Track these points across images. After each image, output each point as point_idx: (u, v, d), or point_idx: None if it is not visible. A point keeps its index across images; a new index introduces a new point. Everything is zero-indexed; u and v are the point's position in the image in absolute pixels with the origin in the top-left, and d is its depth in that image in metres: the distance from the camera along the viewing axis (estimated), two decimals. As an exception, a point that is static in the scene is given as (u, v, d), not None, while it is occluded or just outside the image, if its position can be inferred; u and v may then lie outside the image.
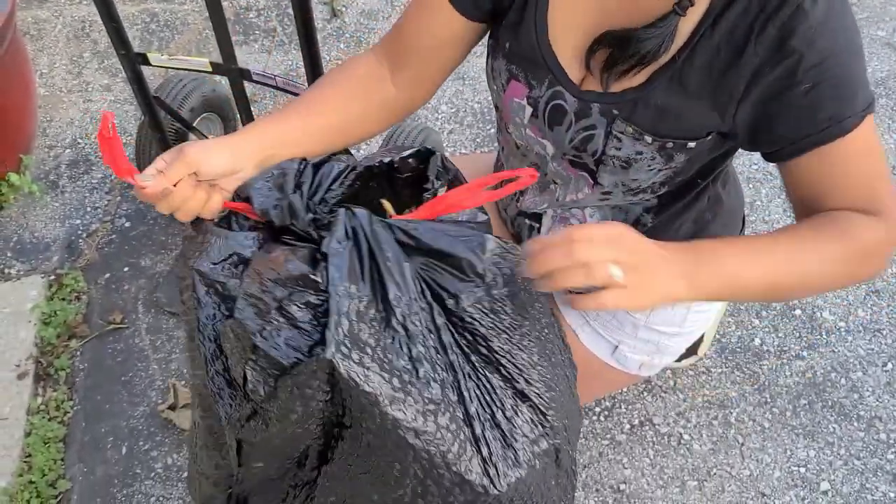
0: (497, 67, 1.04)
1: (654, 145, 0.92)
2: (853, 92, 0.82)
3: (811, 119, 0.83)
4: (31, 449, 1.54)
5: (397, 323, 0.76)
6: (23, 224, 1.93)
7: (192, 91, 1.77)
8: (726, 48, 0.84)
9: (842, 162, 0.85)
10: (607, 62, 0.89)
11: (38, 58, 2.31)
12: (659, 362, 1.36)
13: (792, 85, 0.82)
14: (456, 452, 0.78)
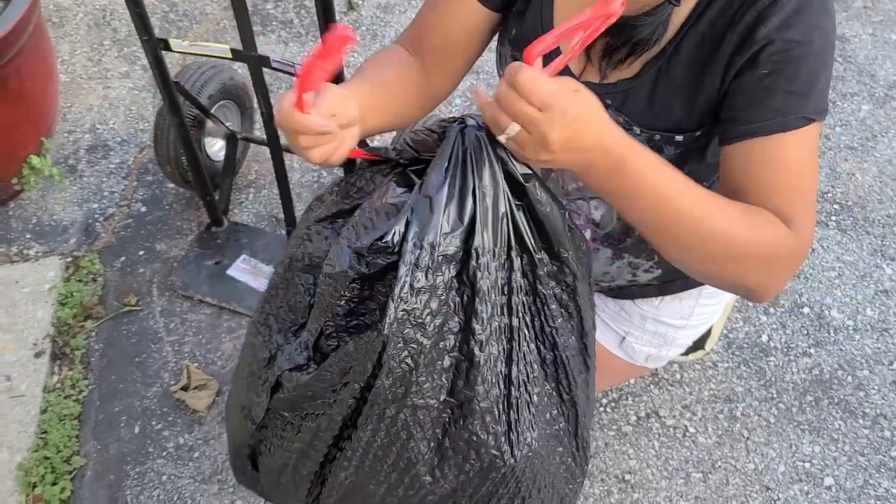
0: (503, 53, 1.06)
1: (642, 136, 0.95)
2: (807, 93, 0.82)
3: (759, 106, 0.83)
4: (47, 426, 1.56)
5: (467, 278, 0.78)
6: (42, 206, 1.97)
7: (210, 78, 1.80)
8: (709, 40, 0.86)
9: (774, 160, 0.83)
10: (605, 50, 0.92)
11: (59, 45, 2.35)
12: (666, 354, 1.38)
13: (752, 67, 0.83)
14: (481, 411, 0.79)
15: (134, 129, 2.15)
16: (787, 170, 0.84)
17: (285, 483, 0.99)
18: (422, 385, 0.79)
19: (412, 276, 0.76)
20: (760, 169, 0.84)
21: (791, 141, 0.83)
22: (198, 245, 1.88)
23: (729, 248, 0.81)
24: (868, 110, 2.23)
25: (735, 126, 0.85)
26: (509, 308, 0.80)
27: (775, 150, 0.83)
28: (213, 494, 1.50)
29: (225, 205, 1.92)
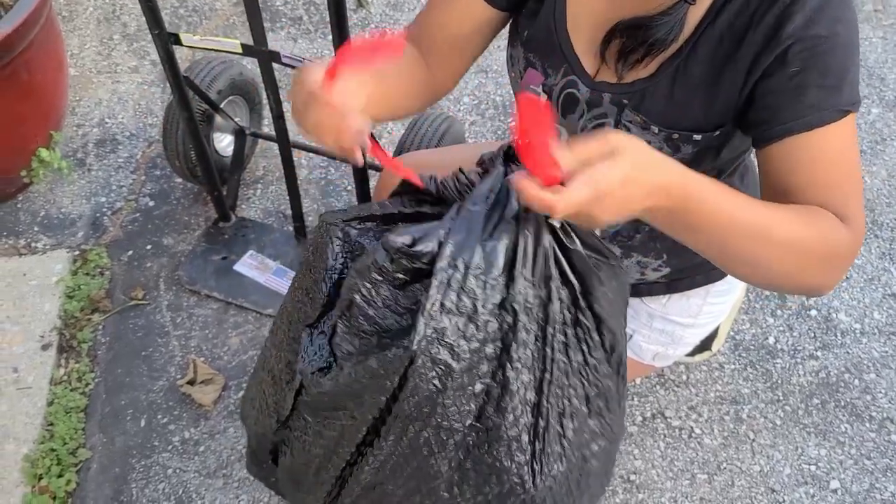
0: (515, 55, 1.06)
1: (660, 135, 0.94)
2: (839, 85, 0.82)
3: (793, 105, 0.82)
4: (53, 418, 1.57)
5: (510, 305, 0.77)
6: (50, 199, 1.97)
7: (220, 73, 1.80)
8: (728, 39, 0.86)
9: (817, 156, 0.82)
10: (621, 51, 0.91)
11: (69, 39, 2.35)
12: (673, 353, 1.38)
13: (781, 66, 0.82)
14: (507, 438, 0.79)
15: (142, 124, 2.15)
16: (832, 164, 0.83)
17: (305, 482, 0.99)
18: (448, 408, 0.79)
19: (444, 295, 0.75)
20: (805, 167, 0.83)
21: (831, 135, 0.82)
22: (205, 240, 1.88)
23: (793, 256, 0.79)
24: (878, 114, 2.23)
25: (770, 127, 0.84)
26: (544, 339, 0.80)
27: (816, 145, 0.82)
28: (218, 489, 1.50)
29: (233, 200, 1.92)
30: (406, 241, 0.78)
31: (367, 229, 0.88)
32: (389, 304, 0.81)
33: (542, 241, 0.77)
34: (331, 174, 2.05)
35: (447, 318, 0.76)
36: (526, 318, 0.78)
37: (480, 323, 0.77)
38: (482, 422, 0.80)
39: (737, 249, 0.79)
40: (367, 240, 0.87)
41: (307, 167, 2.07)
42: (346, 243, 0.87)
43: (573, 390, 0.83)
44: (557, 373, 0.81)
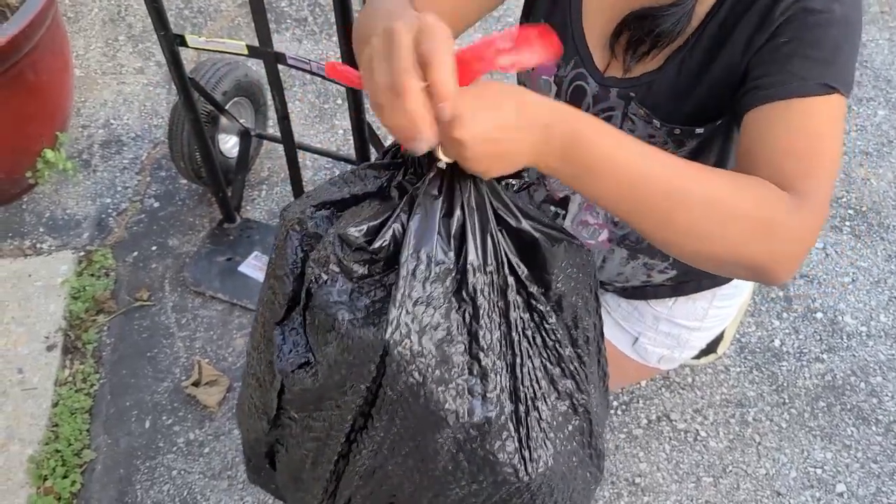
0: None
1: (663, 130, 0.94)
2: (830, 60, 0.78)
3: (778, 72, 0.79)
4: (58, 419, 1.57)
5: (467, 294, 0.77)
6: (56, 201, 1.97)
7: (225, 75, 1.80)
8: (726, 25, 0.86)
9: (791, 125, 0.77)
10: (629, 42, 0.92)
11: (74, 40, 2.36)
12: (679, 356, 1.37)
13: (773, 37, 0.81)
14: (496, 430, 0.79)
15: (148, 125, 2.15)
16: (805, 136, 0.76)
17: (303, 480, 0.99)
18: (430, 398, 0.78)
19: (410, 287, 0.75)
20: (776, 134, 0.77)
21: (811, 108, 0.77)
22: (210, 241, 1.88)
23: (717, 217, 0.70)
24: (884, 115, 2.22)
25: (754, 93, 0.80)
26: (508, 324, 0.80)
27: (794, 115, 0.77)
28: (223, 490, 1.50)
29: (237, 201, 1.92)
30: (361, 233, 0.78)
31: (323, 217, 0.87)
32: (350, 293, 0.80)
33: (489, 226, 0.76)
34: (335, 174, 2.05)
35: (416, 308, 0.75)
36: (487, 305, 0.77)
37: (445, 313, 0.77)
38: (468, 414, 0.80)
39: (650, 206, 0.70)
40: (323, 229, 0.86)
41: (312, 168, 2.07)
42: (304, 237, 0.87)
43: (539, 372, 0.83)
44: (525, 357, 0.81)
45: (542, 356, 0.84)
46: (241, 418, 1.11)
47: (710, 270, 0.78)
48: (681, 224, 0.70)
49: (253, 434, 1.05)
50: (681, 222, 0.70)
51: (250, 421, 1.03)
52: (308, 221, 0.87)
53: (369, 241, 0.78)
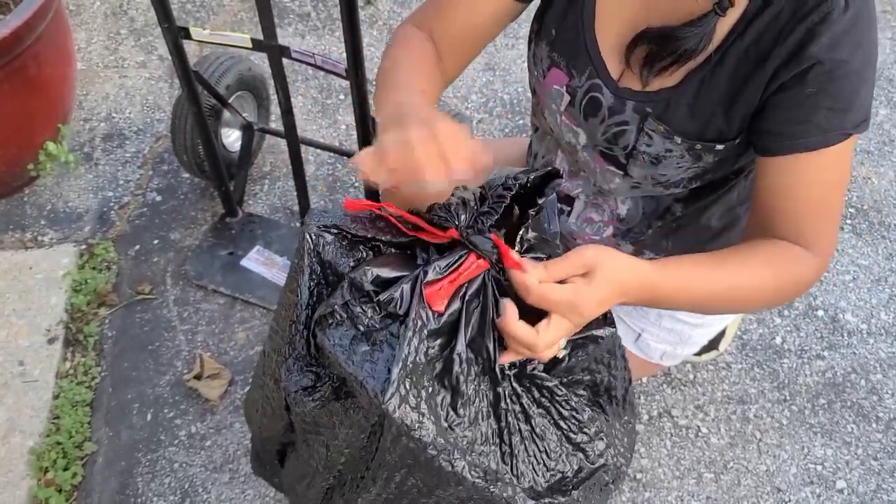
0: (539, 54, 1.05)
1: (683, 145, 0.94)
2: (847, 108, 0.83)
3: (804, 123, 0.84)
4: (60, 411, 1.57)
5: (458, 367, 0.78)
6: (57, 193, 1.97)
7: (229, 69, 1.80)
8: (754, 52, 0.85)
9: (810, 177, 0.87)
10: (647, 59, 0.91)
11: (76, 33, 2.35)
12: (681, 352, 1.37)
13: (799, 84, 0.83)
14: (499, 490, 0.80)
15: (150, 119, 2.15)
16: (821, 187, 0.88)
17: (300, 490, 0.99)
18: (431, 463, 0.78)
19: (415, 348, 0.74)
20: (796, 185, 0.88)
21: (830, 157, 0.85)
22: (212, 235, 1.88)
23: (762, 300, 0.93)
24: (885, 114, 2.22)
25: (778, 140, 0.87)
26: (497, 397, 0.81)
27: (814, 166, 0.86)
28: (224, 483, 1.50)
29: (240, 195, 1.92)
30: (372, 282, 0.78)
31: (345, 247, 0.87)
32: (351, 339, 0.80)
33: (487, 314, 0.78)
34: (338, 170, 2.05)
35: (417, 371, 0.75)
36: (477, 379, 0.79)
37: (453, 378, 0.77)
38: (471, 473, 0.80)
39: (711, 308, 0.96)
40: (340, 260, 0.86)
41: (315, 163, 2.07)
42: (321, 262, 0.86)
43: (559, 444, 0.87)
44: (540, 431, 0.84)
45: (561, 427, 0.86)
46: (252, 414, 1.10)
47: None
48: (739, 307, 0.99)
49: (266, 432, 1.05)
50: (739, 307, 0.99)
51: (265, 420, 1.03)
52: (327, 247, 0.86)
53: (377, 292, 0.78)
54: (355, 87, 1.41)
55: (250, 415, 1.12)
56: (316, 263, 0.86)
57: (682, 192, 1.06)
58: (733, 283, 0.88)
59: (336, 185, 2.02)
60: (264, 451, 1.13)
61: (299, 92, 2.24)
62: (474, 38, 1.04)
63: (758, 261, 0.89)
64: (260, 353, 1.07)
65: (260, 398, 1.03)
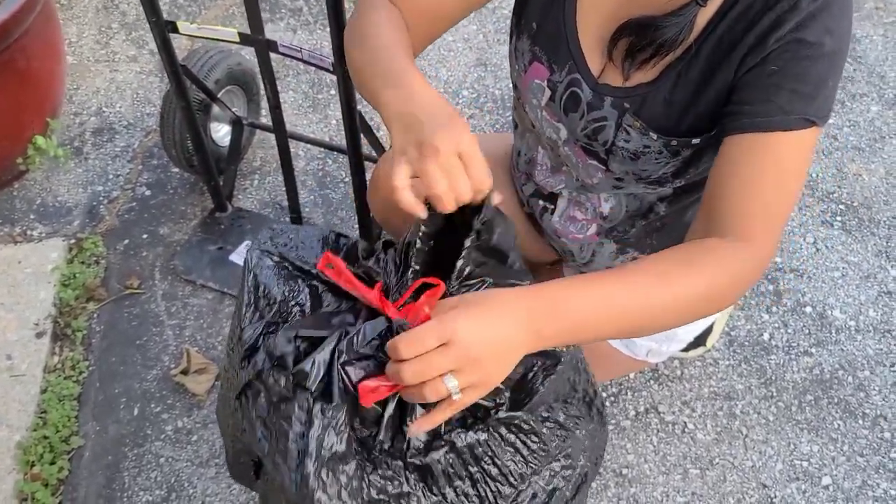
0: (520, 47, 1.05)
1: (659, 141, 0.94)
2: (813, 94, 0.81)
3: (764, 102, 0.82)
4: (47, 405, 1.57)
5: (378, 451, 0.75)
6: (46, 188, 1.97)
7: (218, 63, 1.80)
8: (726, 42, 0.85)
9: (766, 158, 0.82)
10: (628, 50, 0.91)
11: (67, 27, 2.35)
12: (667, 349, 1.38)
13: (761, 63, 0.82)
14: None
15: (140, 113, 2.15)
16: (776, 172, 0.83)
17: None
18: None
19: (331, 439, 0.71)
20: (750, 164, 0.83)
21: (788, 142, 0.82)
22: (201, 230, 1.88)
23: (694, 307, 0.81)
24: (877, 111, 2.22)
25: (738, 118, 0.84)
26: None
27: (771, 147, 0.82)
28: (211, 478, 1.50)
29: (229, 190, 1.92)
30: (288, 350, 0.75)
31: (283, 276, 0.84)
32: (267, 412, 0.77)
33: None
34: (328, 165, 2.05)
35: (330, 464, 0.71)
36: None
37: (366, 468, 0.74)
38: None
39: (636, 330, 0.82)
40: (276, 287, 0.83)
41: (305, 158, 2.06)
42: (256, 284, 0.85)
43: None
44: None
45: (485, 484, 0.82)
46: (223, 425, 1.08)
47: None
48: (671, 323, 0.82)
49: (239, 445, 1.03)
50: (672, 321, 0.82)
51: (237, 433, 1.02)
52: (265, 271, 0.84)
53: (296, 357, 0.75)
54: (342, 81, 1.41)
55: (223, 426, 1.09)
56: (252, 287, 0.85)
57: (666, 190, 1.06)
58: (656, 294, 0.79)
59: (326, 179, 2.02)
60: (237, 463, 1.11)
61: (290, 87, 2.23)
62: (444, 19, 1.01)
63: (687, 269, 0.81)
64: (221, 367, 1.05)
65: (228, 414, 1.00)
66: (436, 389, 0.69)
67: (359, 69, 0.91)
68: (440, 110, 0.78)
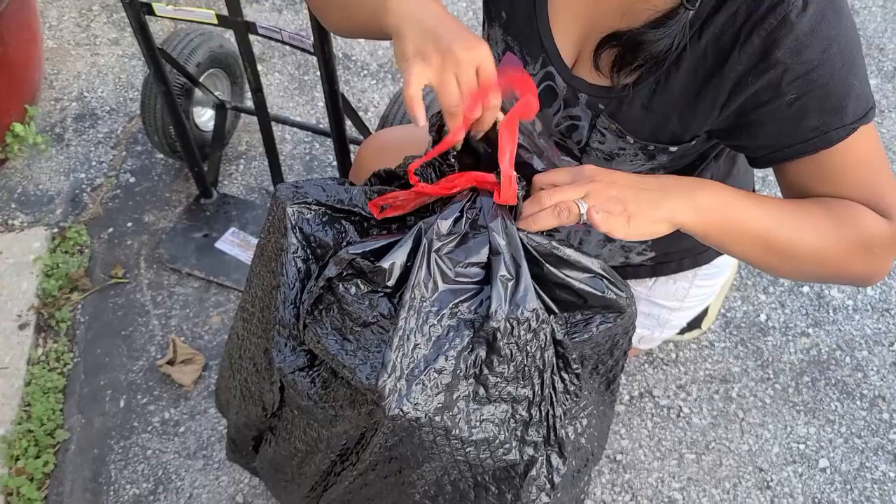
0: (493, 36, 1.00)
1: (636, 145, 0.90)
2: (842, 104, 0.78)
3: (794, 129, 0.80)
4: (31, 398, 1.54)
5: (483, 337, 0.74)
6: (27, 176, 1.93)
7: (198, 46, 1.75)
8: (712, 53, 0.80)
9: (833, 170, 0.81)
10: (616, 62, 0.85)
11: (47, 10, 2.29)
12: (659, 336, 1.34)
13: (777, 96, 0.78)
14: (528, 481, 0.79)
15: (123, 98, 2.10)
16: (855, 170, 0.81)
17: (288, 472, 0.96)
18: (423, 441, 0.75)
19: (411, 326, 0.71)
20: (825, 181, 0.82)
21: (843, 150, 0.79)
22: (186, 217, 1.84)
23: (825, 257, 0.82)
24: (876, 84, 2.18)
25: (779, 151, 0.82)
26: (532, 369, 0.78)
27: (829, 164, 0.81)
28: (199, 470, 1.48)
29: (214, 176, 1.88)
30: (360, 254, 0.74)
31: (326, 222, 0.83)
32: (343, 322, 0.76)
33: (522, 271, 0.74)
34: (315, 149, 2.01)
35: (415, 352, 0.71)
36: (508, 351, 0.74)
37: (454, 355, 0.73)
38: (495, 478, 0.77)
39: (775, 255, 0.82)
40: (325, 233, 0.83)
41: (291, 142, 2.02)
42: (304, 237, 0.83)
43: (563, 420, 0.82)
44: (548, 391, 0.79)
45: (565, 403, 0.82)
46: (226, 399, 1.07)
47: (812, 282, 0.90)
48: (797, 264, 0.83)
49: (243, 418, 1.02)
50: (797, 263, 0.83)
51: (242, 404, 1.00)
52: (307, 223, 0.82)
53: (367, 265, 0.74)
54: (323, 62, 1.36)
55: (226, 401, 1.09)
56: (301, 238, 0.83)
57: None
58: (794, 227, 0.80)
59: (314, 163, 1.98)
60: (240, 438, 1.10)
61: (276, 69, 2.19)
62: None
63: (821, 210, 0.81)
64: (228, 338, 1.03)
65: (238, 384, 1.00)
66: (566, 207, 0.74)
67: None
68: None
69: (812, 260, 0.82)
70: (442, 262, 0.73)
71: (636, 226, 0.75)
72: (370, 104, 2.12)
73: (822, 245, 0.80)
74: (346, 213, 0.83)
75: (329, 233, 0.82)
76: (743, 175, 1.11)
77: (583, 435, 0.87)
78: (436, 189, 0.77)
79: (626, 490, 1.47)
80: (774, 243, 0.80)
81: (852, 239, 0.80)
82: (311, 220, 0.82)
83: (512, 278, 0.73)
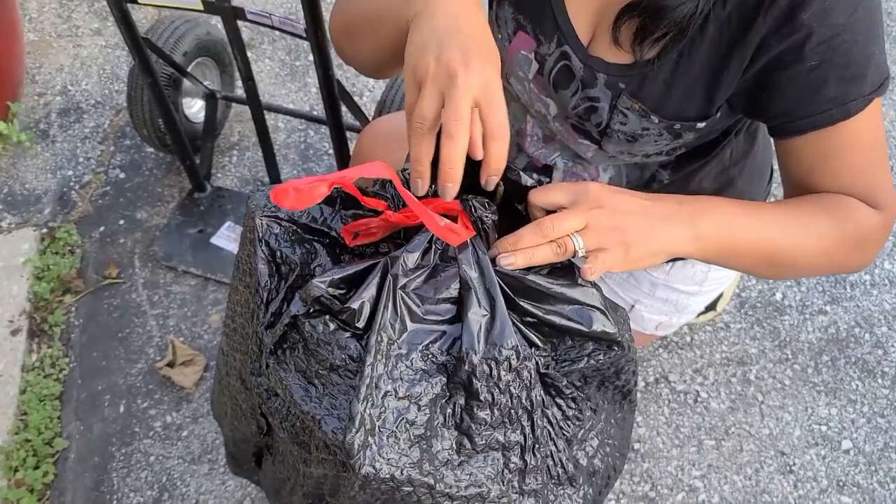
0: (502, 15, 0.93)
1: (661, 124, 0.84)
2: (862, 73, 0.75)
3: (813, 98, 0.76)
4: (27, 407, 1.49)
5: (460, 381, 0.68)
6: (13, 175, 1.86)
7: (185, 34, 1.68)
8: (736, 19, 0.75)
9: (841, 148, 0.79)
10: (637, 34, 0.79)
11: (26, 2, 2.21)
12: (677, 322, 1.30)
13: (798, 60, 0.74)
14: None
15: (109, 91, 2.03)
16: (858, 157, 0.79)
17: (284, 497, 0.91)
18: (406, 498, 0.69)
19: (379, 374, 0.65)
20: (827, 162, 0.80)
21: (857, 124, 0.76)
22: (180, 212, 1.78)
23: (824, 259, 0.82)
24: (884, 51, 2.12)
25: (791, 122, 0.78)
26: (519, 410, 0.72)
27: (839, 140, 0.78)
28: (204, 475, 1.43)
29: (207, 169, 1.82)
30: (327, 286, 0.68)
31: (294, 240, 0.77)
32: (307, 363, 0.70)
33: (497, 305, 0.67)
34: (310, 137, 1.94)
35: (385, 400, 0.65)
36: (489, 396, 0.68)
37: (428, 403, 0.67)
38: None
39: (775, 265, 0.82)
40: (292, 250, 0.76)
41: (285, 131, 1.96)
42: (271, 253, 0.77)
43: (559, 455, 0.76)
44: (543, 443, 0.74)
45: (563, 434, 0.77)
46: (220, 414, 1.02)
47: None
48: (797, 270, 0.84)
49: (239, 434, 0.97)
50: (797, 268, 0.83)
51: (236, 422, 0.95)
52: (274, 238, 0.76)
53: (335, 301, 0.68)
54: (315, 47, 1.30)
55: (219, 415, 1.04)
56: (268, 253, 0.77)
57: (666, 159, 0.97)
58: (796, 234, 0.80)
59: (309, 152, 1.92)
60: (239, 453, 1.06)
61: (266, 55, 2.11)
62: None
63: (821, 211, 0.81)
64: (219, 350, 0.98)
65: (227, 399, 0.95)
66: (564, 244, 0.70)
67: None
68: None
69: (812, 263, 0.83)
70: (409, 300, 0.67)
71: (633, 259, 0.73)
72: (364, 88, 2.05)
73: (822, 250, 0.81)
74: (319, 233, 0.77)
75: (297, 251, 0.76)
76: (762, 153, 1.07)
77: (595, 456, 0.81)
78: (401, 218, 0.71)
79: (644, 479, 1.43)
80: (776, 258, 0.81)
81: (850, 238, 0.81)
82: (279, 235, 0.76)
83: (487, 314, 0.67)
